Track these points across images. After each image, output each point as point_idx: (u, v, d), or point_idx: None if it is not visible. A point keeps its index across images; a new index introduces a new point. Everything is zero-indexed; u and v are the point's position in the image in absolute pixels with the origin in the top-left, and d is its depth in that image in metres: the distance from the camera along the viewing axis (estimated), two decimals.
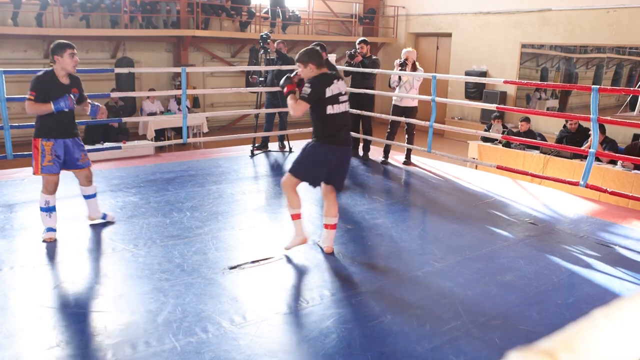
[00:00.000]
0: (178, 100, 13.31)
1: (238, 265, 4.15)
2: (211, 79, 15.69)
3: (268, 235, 4.93)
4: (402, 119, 7.56)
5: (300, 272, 4.16)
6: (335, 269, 4.16)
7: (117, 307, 3.52)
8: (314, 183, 4.30)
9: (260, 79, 8.35)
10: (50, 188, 4.52)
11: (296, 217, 4.32)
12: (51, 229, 4.58)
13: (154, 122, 12.00)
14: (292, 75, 4.39)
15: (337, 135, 4.17)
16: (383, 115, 7.89)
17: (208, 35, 14.65)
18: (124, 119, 8.30)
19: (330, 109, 4.11)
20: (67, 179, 4.83)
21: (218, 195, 5.98)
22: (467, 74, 14.82)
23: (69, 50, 4.41)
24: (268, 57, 8.22)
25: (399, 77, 7.52)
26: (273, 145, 8.60)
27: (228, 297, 3.68)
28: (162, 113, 13.22)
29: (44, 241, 4.52)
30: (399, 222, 5.37)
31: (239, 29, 15.46)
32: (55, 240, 4.55)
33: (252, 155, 8.03)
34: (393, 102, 7.73)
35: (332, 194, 4.37)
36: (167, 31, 14.09)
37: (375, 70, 7.62)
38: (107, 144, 8.25)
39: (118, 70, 10.28)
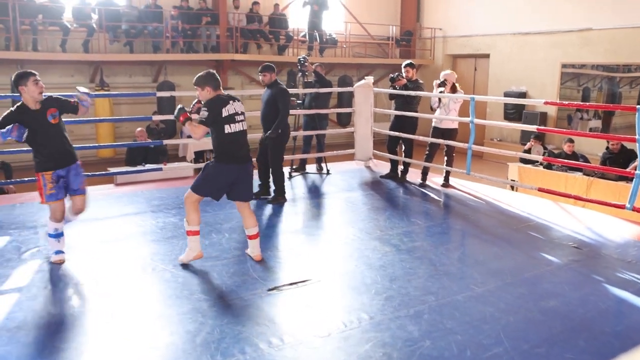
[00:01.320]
0: None
1: (276, 287, 4.15)
2: (249, 102, 15.87)
3: (306, 257, 4.92)
4: (441, 140, 7.50)
5: (339, 295, 4.13)
6: (374, 292, 4.12)
7: (157, 327, 3.56)
8: (216, 197, 4.58)
9: (298, 101, 8.43)
10: (58, 216, 4.61)
11: (193, 233, 4.52)
12: (60, 252, 4.65)
13: (193, 144, 12.19)
14: (190, 106, 4.76)
15: (235, 154, 4.46)
16: (422, 137, 7.84)
17: (246, 59, 14.89)
18: (165, 141, 8.48)
19: (228, 128, 4.39)
20: (109, 199, 4.92)
21: (256, 217, 6.00)
22: (506, 95, 14.65)
23: (32, 78, 4.43)
24: (306, 80, 8.30)
25: (439, 98, 7.48)
26: (311, 168, 8.64)
27: (266, 318, 3.67)
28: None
29: (54, 263, 4.59)
30: (438, 245, 5.30)
31: (277, 52, 15.68)
32: (64, 261, 4.61)
33: (290, 177, 8.07)
34: (432, 124, 7.68)
35: (244, 207, 4.64)
36: (207, 55, 14.38)
37: (413, 93, 7.59)
38: (148, 166, 8.42)
39: (160, 93, 10.55)
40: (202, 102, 4.49)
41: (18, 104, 4.49)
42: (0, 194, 7.42)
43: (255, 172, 5.33)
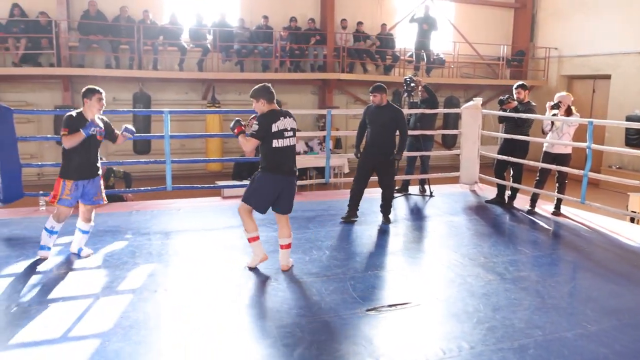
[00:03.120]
0: (320, 141, 13.72)
1: (375, 308, 4.11)
2: (354, 121, 16.01)
3: (406, 279, 4.84)
4: (553, 166, 7.15)
5: (438, 321, 4.02)
6: (475, 320, 3.96)
7: (256, 339, 3.64)
8: (261, 209, 4.72)
9: None
10: (61, 218, 5.01)
11: (253, 239, 4.78)
12: (47, 248, 5.06)
13: (297, 161, 12.41)
14: (246, 120, 4.98)
15: (280, 167, 4.63)
16: (532, 162, 7.50)
17: (352, 79, 15.06)
18: None
19: (276, 143, 4.57)
20: (215, 211, 5.10)
21: (357, 236, 6.02)
22: (629, 119, 13.70)
23: (98, 96, 4.93)
24: (411, 100, 8.23)
25: (552, 122, 7.15)
26: (413, 189, 8.53)
27: (363, 339, 3.64)
28: (305, 153, 13.69)
29: (39, 258, 5.01)
30: (547, 276, 5.02)
31: (383, 72, 15.72)
32: (47, 258, 5.02)
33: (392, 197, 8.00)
34: (544, 149, 7.34)
35: (282, 218, 4.80)
36: (314, 75, 14.69)
37: (524, 115, 7.29)
38: None
39: None
40: (256, 117, 4.69)
41: (78, 110, 4.98)
42: (119, 201, 7.94)
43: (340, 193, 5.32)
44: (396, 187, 8.24)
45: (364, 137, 6.67)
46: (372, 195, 8.24)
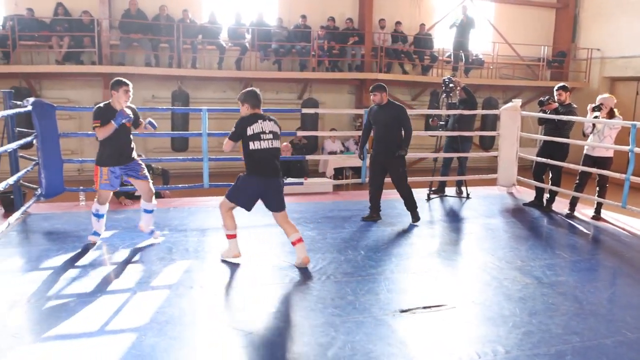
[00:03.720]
0: (356, 141, 13.71)
1: (409, 309, 4.10)
2: None
3: (441, 281, 4.81)
4: (594, 170, 7.00)
5: (473, 324, 3.98)
6: (511, 324, 3.92)
7: (290, 337, 3.67)
8: (246, 207, 4.90)
9: (441, 122, 8.31)
10: (102, 200, 5.36)
11: (231, 237, 4.96)
12: (97, 233, 5.43)
13: (334, 160, 12.47)
14: None
15: (260, 169, 4.78)
16: (572, 165, 7.36)
17: (390, 79, 14.98)
18: (307, 157, 8.77)
19: (252, 145, 4.74)
20: (253, 209, 5.14)
21: (392, 237, 6.01)
22: None
23: (125, 88, 5.17)
24: (450, 101, 8.16)
25: (593, 124, 7.00)
26: (450, 190, 8.46)
27: (397, 340, 3.64)
28: (341, 152, 13.71)
29: (89, 243, 5.35)
30: (585, 281, 4.92)
31: (421, 72, 15.60)
32: (96, 243, 5.37)
33: (429, 199, 7.97)
34: (584, 152, 7.19)
35: (279, 217, 4.94)
36: (351, 74, 14.68)
37: (564, 117, 7.16)
38: (289, 179, 8.74)
39: (305, 110, 10.96)
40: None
41: (106, 102, 5.24)
42: (156, 197, 8.08)
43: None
44: (432, 188, 8.20)
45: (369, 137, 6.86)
46: None
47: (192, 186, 7.72)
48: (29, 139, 6.48)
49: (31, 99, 6.48)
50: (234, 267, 4.94)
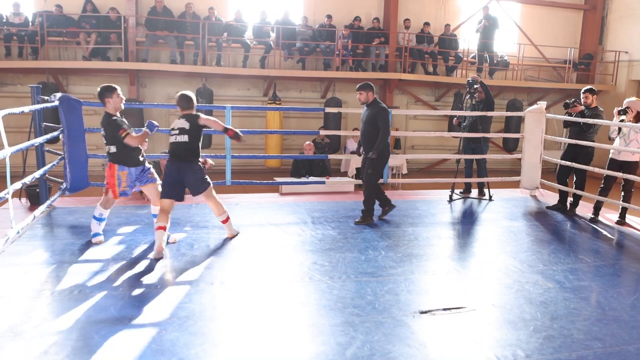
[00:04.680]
0: None
1: (429, 311, 4.09)
2: (414, 122, 15.91)
3: (462, 283, 4.79)
4: (619, 174, 6.90)
5: (494, 327, 3.96)
6: (532, 328, 3.89)
7: (309, 335, 3.68)
8: (171, 196, 5.26)
9: (463, 123, 8.27)
10: (110, 205, 5.49)
11: (159, 228, 5.09)
12: (98, 234, 5.46)
13: (355, 160, 12.45)
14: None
15: (172, 156, 5.29)
16: (597, 169, 7.26)
17: (414, 79, 14.94)
18: (329, 156, 8.78)
19: (170, 139, 5.30)
20: (273, 207, 5.19)
21: (414, 238, 6.00)
22: None
23: (117, 92, 5.27)
24: (473, 102, 8.11)
25: (619, 128, 6.90)
26: (474, 192, 8.42)
27: (416, 341, 3.64)
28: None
29: (94, 244, 5.36)
30: (608, 287, 4.86)
31: (445, 73, 15.52)
32: (102, 242, 5.40)
33: (451, 200, 7.93)
34: (610, 155, 7.10)
35: (207, 200, 5.54)
36: (375, 74, 14.65)
37: (590, 120, 7.06)
38: (311, 178, 8.75)
39: (328, 109, 10.97)
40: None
41: (108, 112, 5.30)
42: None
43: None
44: (455, 189, 8.15)
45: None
46: (428, 197, 8.20)
47: (214, 183, 7.74)
48: (55, 133, 6.59)
49: (58, 94, 6.59)
50: (254, 264, 4.98)
